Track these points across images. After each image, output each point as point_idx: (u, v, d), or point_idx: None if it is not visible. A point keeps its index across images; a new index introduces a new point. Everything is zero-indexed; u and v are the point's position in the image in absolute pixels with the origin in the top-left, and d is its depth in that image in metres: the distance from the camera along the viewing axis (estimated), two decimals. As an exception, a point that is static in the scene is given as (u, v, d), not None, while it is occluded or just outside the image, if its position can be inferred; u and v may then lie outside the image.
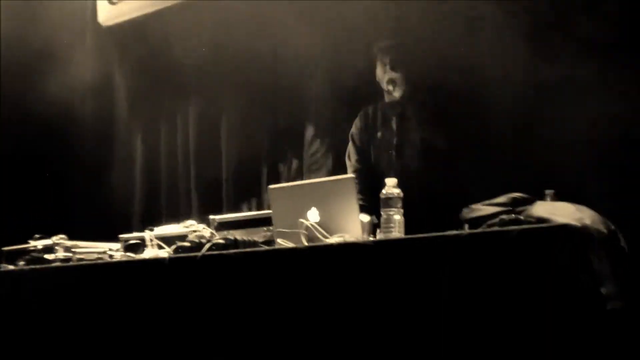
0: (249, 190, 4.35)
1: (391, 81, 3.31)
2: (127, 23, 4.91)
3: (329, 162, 4.03)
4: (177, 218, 3.72)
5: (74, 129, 5.00)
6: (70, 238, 3.32)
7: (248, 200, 4.27)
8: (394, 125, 3.34)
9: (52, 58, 4.75)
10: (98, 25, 5.03)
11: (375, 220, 3.05)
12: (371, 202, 3.27)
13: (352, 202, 2.48)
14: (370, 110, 3.51)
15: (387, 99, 3.43)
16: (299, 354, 2.22)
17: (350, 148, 3.54)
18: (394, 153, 3.32)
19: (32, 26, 4.75)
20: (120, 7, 4.92)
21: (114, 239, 3.27)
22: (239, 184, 4.42)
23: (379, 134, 3.40)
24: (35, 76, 4.71)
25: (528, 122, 3.18)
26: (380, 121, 3.41)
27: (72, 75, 4.82)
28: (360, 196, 3.29)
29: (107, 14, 5.00)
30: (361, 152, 3.48)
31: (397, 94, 3.32)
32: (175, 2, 4.67)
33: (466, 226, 2.35)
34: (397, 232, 2.28)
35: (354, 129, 3.54)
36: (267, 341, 2.29)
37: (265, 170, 4.32)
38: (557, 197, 2.53)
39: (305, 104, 4.20)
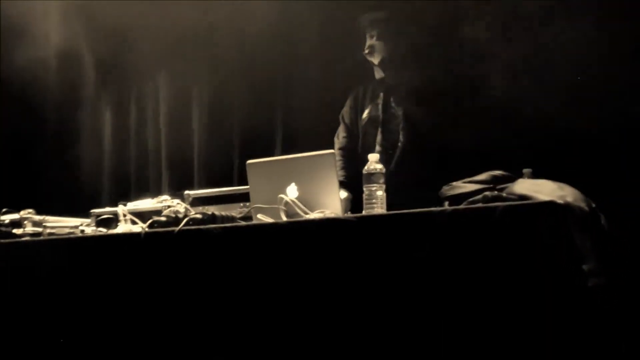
0: (220, 166, 4.30)
1: (370, 47, 3.34)
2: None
3: None
4: (146, 194, 3.66)
5: (40, 102, 4.86)
6: (38, 213, 3.24)
7: (218, 177, 4.21)
8: (380, 102, 3.37)
9: (17, 28, 4.61)
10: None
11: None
12: (356, 180, 3.28)
13: (332, 178, 2.46)
14: (361, 90, 3.54)
15: (376, 75, 3.44)
16: (279, 330, 2.20)
17: (340, 127, 3.58)
18: (380, 129, 3.33)
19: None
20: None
21: (81, 214, 3.20)
22: (210, 160, 4.36)
23: (367, 111, 3.44)
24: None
25: (511, 98, 3.19)
26: (368, 99, 3.45)
27: (38, 46, 4.68)
28: (344, 173, 3.33)
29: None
30: (349, 130, 3.52)
31: (376, 60, 3.37)
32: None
33: (446, 203, 2.36)
34: (379, 208, 2.26)
35: (344, 109, 3.58)
36: (246, 318, 2.26)
37: (237, 146, 4.28)
38: (534, 176, 2.56)
39: (279, 82, 4.16)
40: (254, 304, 2.24)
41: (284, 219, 2.42)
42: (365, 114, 3.44)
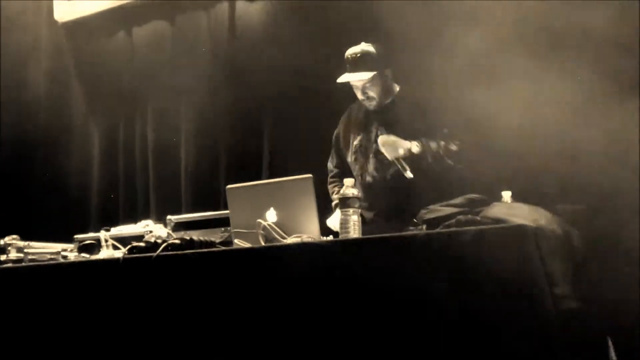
0: (206, 192, 4.31)
1: (365, 99, 3.25)
2: (84, 20, 4.84)
3: None
4: (135, 218, 3.67)
5: (30, 127, 4.90)
6: (28, 239, 3.24)
7: (205, 201, 4.21)
8: (373, 132, 3.24)
9: (6, 55, 4.65)
10: (54, 21, 4.94)
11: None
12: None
13: (310, 202, 2.47)
14: (354, 110, 3.42)
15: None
16: (255, 353, 2.20)
17: (333, 151, 3.49)
18: (371, 158, 3.25)
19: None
20: (76, 3, 4.85)
21: (70, 239, 3.21)
22: (197, 185, 4.37)
23: (358, 139, 3.32)
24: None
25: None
26: (360, 125, 3.32)
27: (27, 72, 4.74)
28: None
29: (63, 11, 4.93)
30: (341, 155, 3.44)
31: (371, 104, 3.26)
32: (133, 0, 4.65)
33: (424, 226, 2.36)
34: (353, 232, 2.27)
35: (337, 131, 3.47)
36: (222, 342, 2.26)
37: (223, 171, 4.28)
38: (514, 199, 2.57)
39: (264, 105, 4.19)
40: (231, 327, 2.24)
41: (262, 243, 2.43)
42: (357, 141, 3.31)
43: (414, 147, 3.04)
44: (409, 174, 2.98)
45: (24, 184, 4.83)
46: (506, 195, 2.59)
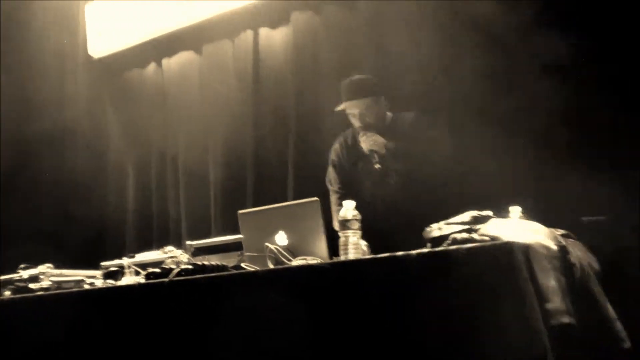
0: (235, 216, 4.39)
1: (362, 127, 3.38)
2: (117, 54, 5.02)
3: None
4: (167, 244, 3.78)
5: (66, 160, 5.09)
6: (67, 266, 3.37)
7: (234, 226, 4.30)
8: (375, 155, 3.34)
9: (43, 89, 4.86)
10: (89, 56, 5.14)
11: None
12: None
13: (318, 225, 2.53)
14: (349, 136, 3.54)
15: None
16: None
17: (331, 173, 3.59)
18: (376, 181, 3.37)
19: (22, 58, 4.86)
20: (109, 39, 5.04)
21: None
22: (226, 211, 4.46)
23: (361, 164, 3.44)
24: (27, 109, 4.81)
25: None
26: (360, 149, 3.42)
27: (63, 106, 4.93)
28: None
29: (97, 47, 5.12)
30: (343, 179, 3.53)
31: (371, 131, 3.39)
32: (162, 34, 4.80)
33: (428, 245, 2.38)
34: (353, 253, 2.31)
35: (333, 155, 3.59)
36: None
37: (251, 196, 4.37)
38: (524, 214, 2.57)
39: (287, 128, 4.26)
40: (238, 350, 2.30)
41: (271, 266, 2.49)
42: (359, 166, 3.44)
43: (390, 143, 3.28)
44: (377, 166, 3.28)
45: (62, 214, 5.01)
46: (514, 210, 2.58)
